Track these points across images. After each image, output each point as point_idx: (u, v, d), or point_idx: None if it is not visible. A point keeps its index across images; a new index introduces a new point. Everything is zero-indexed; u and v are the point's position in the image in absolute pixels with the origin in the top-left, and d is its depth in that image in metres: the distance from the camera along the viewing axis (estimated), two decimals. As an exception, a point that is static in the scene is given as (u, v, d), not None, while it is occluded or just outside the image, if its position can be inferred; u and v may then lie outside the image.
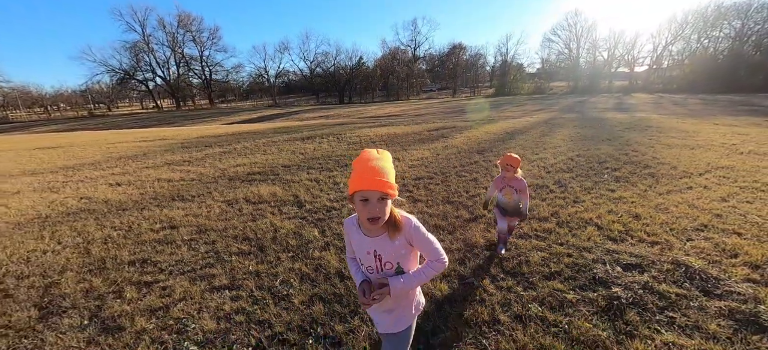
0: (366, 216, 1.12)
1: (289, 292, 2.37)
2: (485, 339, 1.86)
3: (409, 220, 1.22)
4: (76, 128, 28.44)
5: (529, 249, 2.85)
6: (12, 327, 2.22)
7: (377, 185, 1.08)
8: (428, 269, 1.25)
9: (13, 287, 2.74)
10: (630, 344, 1.76)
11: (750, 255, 2.56)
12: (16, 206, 5.24)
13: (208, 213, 4.21)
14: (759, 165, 5.34)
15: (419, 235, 1.22)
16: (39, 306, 2.45)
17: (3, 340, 2.10)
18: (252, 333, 1.99)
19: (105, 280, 2.73)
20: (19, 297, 2.59)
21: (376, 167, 1.10)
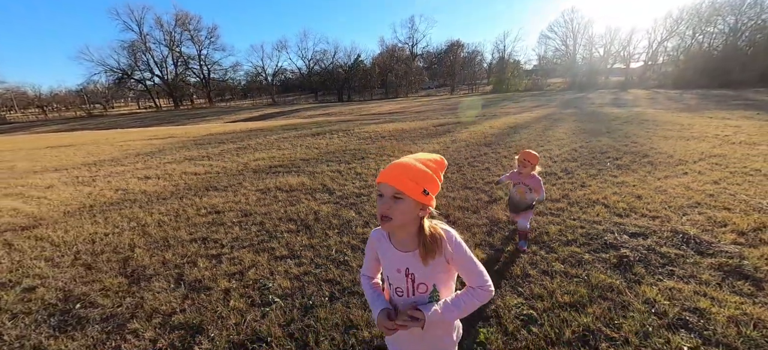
0: (378, 213, 0.99)
1: (345, 259, 2.77)
2: (520, 288, 2.27)
3: (449, 234, 1.03)
4: (77, 128, 28.54)
5: (546, 224, 3.25)
6: (110, 290, 2.59)
7: (389, 178, 0.95)
8: (471, 297, 1.03)
9: (92, 262, 3.11)
10: (638, 289, 2.17)
11: (737, 225, 2.98)
12: (56, 198, 5.58)
13: (247, 201, 4.59)
14: (749, 153, 5.78)
15: (461, 253, 1.02)
16: (125, 275, 2.82)
17: (107, 299, 2.47)
18: (324, 289, 2.38)
19: (175, 254, 3.11)
20: (102, 269, 2.96)
21: (403, 163, 0.98)
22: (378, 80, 59.93)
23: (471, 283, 1.03)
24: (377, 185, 1.00)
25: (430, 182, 0.97)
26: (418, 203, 0.97)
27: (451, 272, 1.07)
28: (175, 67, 61.90)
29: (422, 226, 1.01)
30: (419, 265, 1.02)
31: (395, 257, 1.06)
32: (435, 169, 1.00)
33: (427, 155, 1.03)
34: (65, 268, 3.02)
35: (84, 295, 2.53)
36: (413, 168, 0.96)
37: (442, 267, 1.03)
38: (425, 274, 1.03)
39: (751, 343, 1.71)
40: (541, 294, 2.17)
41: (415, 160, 0.99)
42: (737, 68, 35.36)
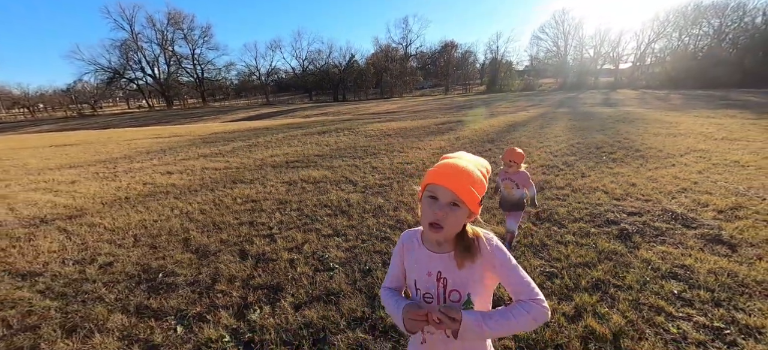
0: (429, 218, 0.87)
1: (387, 235, 3.19)
2: (541, 254, 2.72)
3: (491, 238, 0.91)
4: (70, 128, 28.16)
5: (555, 207, 3.72)
6: (183, 264, 2.97)
7: (452, 183, 0.84)
8: (523, 310, 0.83)
9: (153, 242, 3.47)
10: (637, 252, 2.64)
11: (717, 205, 3.49)
12: (86, 191, 5.88)
13: (277, 191, 4.97)
14: (730, 148, 6.36)
15: (502, 257, 0.89)
16: (190, 251, 3.20)
17: (185, 269, 2.85)
18: (375, 258, 2.80)
19: (229, 235, 3.49)
20: (165, 248, 3.33)
21: (461, 165, 0.86)
22: (373, 80, 60.32)
23: (519, 296, 0.86)
24: (430, 185, 0.87)
25: (484, 190, 0.88)
26: (472, 212, 0.87)
27: (488, 284, 0.93)
28: (167, 67, 61.43)
29: (464, 230, 0.90)
30: (454, 269, 0.90)
31: (426, 258, 0.94)
32: (486, 177, 0.91)
33: (479, 160, 0.93)
34: (130, 248, 3.38)
35: (161, 267, 2.91)
36: (474, 175, 0.86)
37: (479, 275, 0.89)
38: (460, 280, 0.90)
39: (725, 287, 2.18)
40: (558, 257, 2.63)
41: (474, 165, 0.89)
42: (721, 69, 36.64)
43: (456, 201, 0.84)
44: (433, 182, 0.86)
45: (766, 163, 5.13)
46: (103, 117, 46.94)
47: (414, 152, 7.52)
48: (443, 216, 0.84)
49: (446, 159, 0.91)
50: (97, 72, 56.17)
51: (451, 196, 0.84)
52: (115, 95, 69.18)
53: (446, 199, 0.84)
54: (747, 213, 3.28)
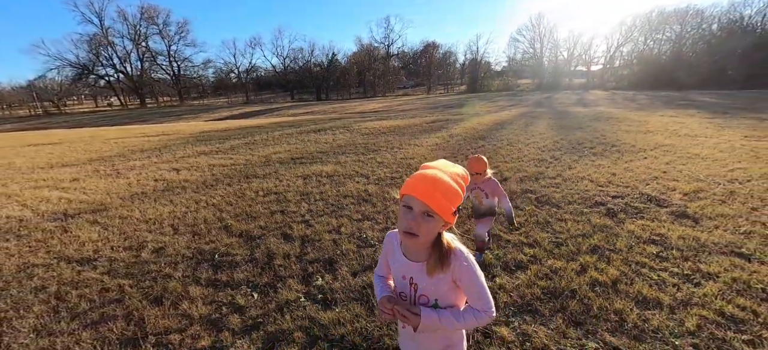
0: (403, 227, 0.94)
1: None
2: (545, 229, 3.26)
3: (461, 253, 0.98)
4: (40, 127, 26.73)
5: (551, 193, 4.30)
6: (234, 245, 3.30)
7: (424, 194, 0.90)
8: (470, 316, 1.00)
9: (195, 230, 3.76)
10: (622, 225, 3.23)
11: (682, 189, 4.17)
12: (96, 188, 5.97)
13: (295, 185, 5.31)
14: (691, 143, 7.23)
15: (469, 275, 0.98)
16: (235, 236, 3.52)
17: (238, 250, 3.19)
18: (406, 235, 3.25)
19: (267, 222, 3.83)
20: (209, 234, 3.63)
21: (436, 177, 0.91)
22: (356, 79, 60.50)
23: (474, 305, 1.00)
24: (404, 196, 0.94)
25: (459, 200, 0.93)
26: (446, 222, 0.94)
27: (457, 291, 1.02)
28: (140, 63, 59.09)
29: (439, 239, 0.97)
30: (424, 277, 1.00)
31: (402, 264, 1.05)
32: (462, 186, 0.95)
33: (454, 168, 0.97)
34: (173, 236, 3.65)
35: (214, 250, 3.23)
36: (446, 185, 0.91)
37: (447, 285, 0.99)
38: (428, 287, 1.01)
39: (691, 248, 2.78)
40: (561, 231, 3.17)
41: (446, 175, 0.93)
42: (682, 72, 39.43)
43: (429, 212, 0.90)
44: (408, 193, 0.92)
45: (721, 155, 5.96)
46: (72, 115, 44.72)
47: (413, 148, 8.00)
48: (416, 226, 0.90)
49: (423, 170, 0.95)
50: (64, 68, 53.31)
51: (423, 207, 0.89)
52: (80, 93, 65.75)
53: (419, 210, 0.90)
54: (706, 195, 3.97)
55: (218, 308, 2.33)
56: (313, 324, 2.10)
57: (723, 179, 4.57)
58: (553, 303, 2.17)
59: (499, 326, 1.98)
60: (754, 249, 2.73)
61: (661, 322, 1.96)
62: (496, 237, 3.12)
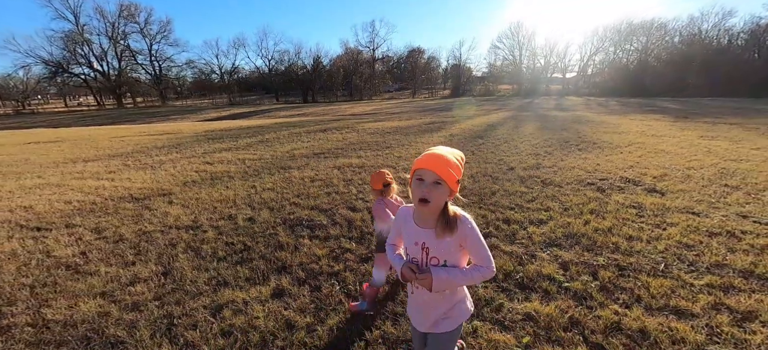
0: (418, 196, 1.12)
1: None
2: (553, 199, 4.26)
3: (466, 219, 1.18)
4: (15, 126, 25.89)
5: (551, 177, 5.33)
6: (313, 215, 4.09)
7: (434, 166, 1.09)
8: (475, 272, 1.20)
9: (269, 206, 4.50)
10: (610, 197, 4.28)
11: (652, 174, 5.31)
12: (140, 178, 6.48)
13: (333, 173, 6.11)
14: (658, 141, 8.55)
15: (474, 237, 1.17)
16: (308, 209, 4.30)
17: (322, 217, 3.98)
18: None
19: (331, 200, 4.63)
20: (285, 208, 4.39)
21: (440, 153, 1.13)
22: (342, 82, 61.15)
23: (477, 262, 1.19)
24: (417, 170, 1.13)
25: (460, 173, 1.14)
26: (452, 190, 1.12)
27: (463, 252, 1.21)
28: (118, 62, 57.33)
29: (446, 208, 1.16)
30: (434, 240, 1.17)
31: (414, 231, 1.22)
32: (462, 162, 1.18)
33: (454, 151, 1.18)
34: (254, 211, 4.37)
35: (299, 218, 4.01)
36: (450, 159, 1.12)
37: (454, 246, 1.18)
38: (438, 249, 1.18)
39: (660, 210, 3.84)
40: (566, 201, 4.18)
41: (450, 154, 1.14)
42: (648, 80, 42.63)
43: (438, 180, 1.09)
44: (420, 167, 1.11)
45: (681, 150, 7.25)
46: (45, 114, 42.96)
47: (421, 145, 8.94)
48: (429, 192, 1.09)
49: (428, 150, 1.15)
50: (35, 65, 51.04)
51: (434, 177, 1.08)
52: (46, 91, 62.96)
53: (430, 179, 1.09)
54: (670, 178, 5.11)
55: (332, 251, 3.15)
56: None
57: (682, 167, 5.77)
58: (570, 240, 3.14)
59: (539, 251, 2.93)
60: (702, 210, 3.82)
61: (642, 247, 2.96)
62: (519, 207, 4.09)
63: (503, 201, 4.30)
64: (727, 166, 5.78)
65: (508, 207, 4.08)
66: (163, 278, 2.76)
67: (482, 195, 4.53)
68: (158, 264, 3.01)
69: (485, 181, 5.25)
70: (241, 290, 2.53)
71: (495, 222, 3.62)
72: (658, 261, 2.75)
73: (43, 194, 5.63)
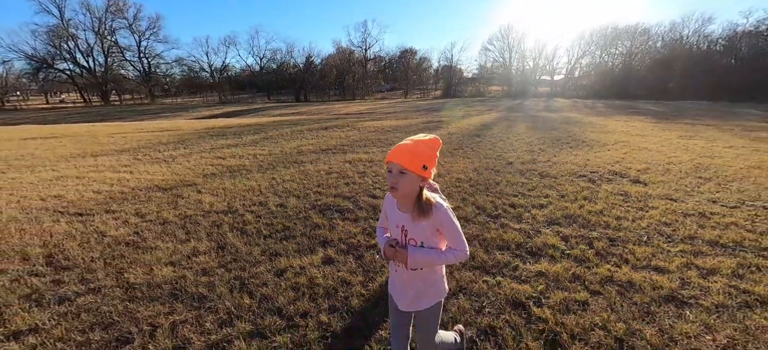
0: (389, 184, 1.29)
1: (464, 184, 5.03)
2: (551, 188, 4.79)
3: (440, 206, 1.30)
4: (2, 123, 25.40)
5: (547, 170, 5.88)
6: (338, 202, 4.51)
7: (396, 158, 1.25)
8: (449, 253, 1.33)
9: (296, 194, 4.90)
10: (600, 187, 4.83)
11: (636, 168, 5.91)
12: (157, 171, 6.76)
13: (345, 167, 6.52)
14: (641, 140, 9.24)
15: (448, 221, 1.30)
16: (333, 196, 4.71)
17: (347, 204, 4.40)
18: (471, 196, 4.63)
19: (350, 189, 5.05)
20: (311, 196, 4.79)
21: (406, 144, 1.28)
22: (335, 82, 61.31)
23: (451, 245, 1.33)
24: (386, 164, 1.30)
25: (428, 159, 1.26)
26: (419, 176, 1.26)
27: (440, 237, 1.34)
28: (105, 58, 56.20)
29: (420, 195, 1.29)
30: (411, 223, 1.32)
31: (396, 215, 1.38)
32: (431, 148, 1.29)
33: (423, 136, 1.33)
34: (282, 198, 4.76)
35: (329, 204, 4.42)
36: (413, 148, 1.26)
37: (430, 230, 1.32)
38: (415, 231, 1.33)
39: (644, 197, 4.40)
40: (562, 190, 4.72)
41: (414, 141, 1.29)
42: (632, 84, 44.22)
43: (402, 170, 1.24)
44: (387, 160, 1.29)
45: (662, 148, 7.92)
46: (29, 111, 41.85)
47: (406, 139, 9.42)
48: (395, 181, 1.25)
49: (405, 139, 1.32)
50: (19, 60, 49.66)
51: (398, 167, 1.25)
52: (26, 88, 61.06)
53: (395, 170, 1.25)
54: (652, 171, 5.72)
55: (364, 229, 3.59)
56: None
57: (663, 162, 6.40)
58: (568, 220, 3.66)
59: (543, 228, 3.43)
60: (679, 197, 4.40)
61: (628, 224, 3.50)
62: (521, 194, 4.59)
63: (507, 189, 4.81)
64: (702, 161, 6.44)
65: (512, 194, 4.58)
66: (220, 251, 3.16)
67: (488, 185, 5.03)
68: (210, 241, 3.39)
69: (488, 174, 5.75)
70: (294, 259, 2.95)
71: (502, 207, 4.12)
72: (642, 235, 3.28)
73: (68, 185, 5.88)
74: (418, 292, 1.44)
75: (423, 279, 1.42)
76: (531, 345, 1.90)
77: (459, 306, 2.25)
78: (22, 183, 6.15)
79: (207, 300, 2.40)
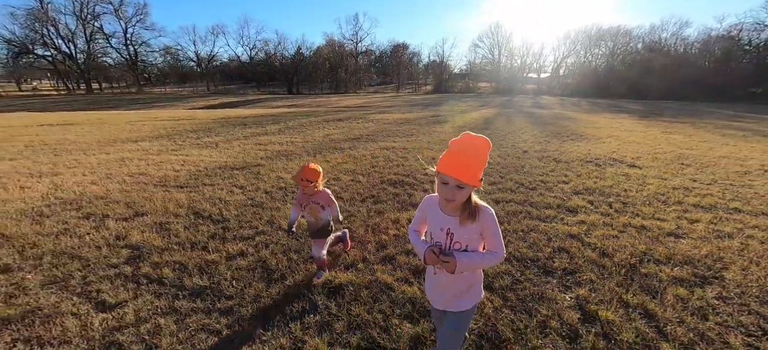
0: (443, 196, 1.32)
1: (497, 168, 6.08)
2: (567, 170, 5.90)
3: (487, 209, 1.35)
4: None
5: (559, 156, 7.01)
6: (405, 179, 5.46)
7: (454, 172, 1.24)
8: (491, 256, 1.38)
9: (359, 172, 5.81)
10: (606, 170, 5.98)
11: (630, 156, 7.13)
12: (216, 155, 7.50)
13: (381, 154, 7.45)
14: (629, 135, 10.56)
15: (493, 225, 1.35)
16: (393, 174, 5.66)
17: (398, 190, 5.36)
18: (509, 178, 5.68)
19: (401, 168, 6.00)
20: (372, 175, 5.71)
21: (463, 156, 1.26)
22: (328, 74, 61.48)
23: (491, 248, 1.39)
24: (440, 173, 1.28)
25: (482, 168, 1.28)
26: (475, 187, 1.28)
27: (481, 239, 1.40)
28: (87, 44, 54.38)
29: (469, 199, 1.34)
30: (458, 227, 1.36)
31: (440, 218, 1.41)
32: (485, 154, 1.30)
33: (479, 140, 1.30)
34: (347, 176, 5.66)
35: (394, 180, 5.36)
36: (473, 162, 1.25)
37: (475, 233, 1.37)
38: (461, 235, 1.37)
39: (640, 179, 5.56)
40: (576, 171, 5.84)
41: (473, 153, 1.27)
42: (614, 83, 46.54)
43: (460, 185, 1.25)
44: (442, 172, 1.28)
45: (648, 141, 9.24)
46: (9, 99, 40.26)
47: (438, 135, 10.44)
48: (452, 194, 1.29)
49: (453, 149, 1.31)
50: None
51: (456, 182, 1.25)
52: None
53: (454, 184, 1.26)
54: (643, 159, 6.94)
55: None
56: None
57: (651, 152, 7.66)
58: (588, 191, 4.77)
59: (571, 196, 4.51)
60: (667, 177, 5.59)
61: (633, 194, 4.64)
62: (545, 174, 5.68)
63: (533, 171, 5.90)
64: (683, 152, 7.73)
65: (538, 174, 5.67)
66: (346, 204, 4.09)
67: (515, 168, 6.11)
68: (317, 204, 4.30)
69: (511, 159, 6.83)
70: (394, 213, 3.92)
71: (534, 183, 5.19)
72: (644, 200, 4.41)
73: (140, 165, 6.55)
74: (457, 294, 1.49)
75: (465, 282, 1.48)
76: (590, 255, 2.95)
77: (534, 239, 3.28)
78: (90, 164, 6.75)
79: (354, 233, 3.34)
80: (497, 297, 2.42)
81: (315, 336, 2.06)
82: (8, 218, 3.80)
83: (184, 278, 2.67)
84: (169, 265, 2.84)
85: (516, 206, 4.19)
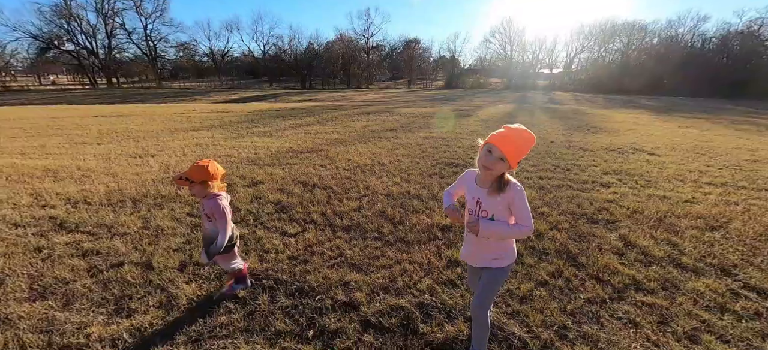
0: (482, 163, 1.49)
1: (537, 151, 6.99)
2: (594, 157, 6.77)
3: (516, 185, 1.52)
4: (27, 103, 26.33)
5: (585, 145, 7.85)
6: (459, 163, 6.39)
7: (502, 144, 1.43)
8: (516, 228, 1.56)
9: (415, 155, 6.76)
10: (629, 156, 6.84)
11: (650, 147, 7.95)
12: (278, 143, 8.46)
13: (428, 141, 8.38)
14: (648, 128, 11.30)
15: (520, 199, 1.52)
16: (449, 154, 6.59)
17: (441, 182, 6.30)
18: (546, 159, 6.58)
19: (453, 154, 6.93)
20: (427, 158, 6.65)
21: (515, 138, 1.46)
22: (341, 70, 62.31)
23: (519, 221, 1.55)
24: (488, 143, 1.48)
25: (523, 155, 1.49)
26: (512, 167, 1.46)
27: (509, 212, 1.57)
28: (108, 39, 56.09)
29: (502, 175, 1.53)
30: (486, 197, 1.56)
31: (474, 189, 1.63)
32: (529, 146, 1.50)
33: (528, 133, 1.49)
34: (405, 159, 6.61)
35: (449, 162, 6.30)
36: (519, 143, 1.46)
37: (503, 205, 1.55)
38: (489, 204, 1.56)
39: (658, 162, 6.40)
40: (604, 157, 6.72)
41: (522, 141, 1.48)
42: (629, 79, 46.42)
43: (503, 157, 1.44)
44: (492, 142, 1.47)
45: (665, 134, 10.01)
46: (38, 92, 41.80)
47: (466, 127, 11.31)
48: (493, 164, 1.47)
49: (506, 130, 1.50)
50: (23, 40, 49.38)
51: (500, 154, 1.44)
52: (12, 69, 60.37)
53: (497, 155, 1.45)
54: (662, 149, 7.75)
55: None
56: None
57: (669, 143, 8.45)
58: (615, 172, 5.65)
59: (602, 175, 5.40)
60: (684, 163, 6.42)
61: (655, 175, 5.51)
62: (576, 158, 6.56)
63: (564, 157, 6.78)
64: (698, 144, 8.51)
65: (570, 159, 6.55)
66: (415, 180, 5.05)
67: (548, 154, 7.01)
68: (399, 177, 5.27)
69: (543, 146, 7.72)
70: (461, 186, 4.87)
71: (568, 166, 6.08)
72: (665, 179, 5.29)
73: (215, 149, 7.58)
74: (490, 256, 1.72)
75: (496, 246, 1.70)
76: (625, 212, 3.88)
77: (578, 202, 4.20)
78: (176, 148, 7.78)
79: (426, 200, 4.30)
80: (561, 233, 3.36)
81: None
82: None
83: (334, 219, 3.67)
84: (313, 213, 3.85)
85: (558, 181, 5.11)
